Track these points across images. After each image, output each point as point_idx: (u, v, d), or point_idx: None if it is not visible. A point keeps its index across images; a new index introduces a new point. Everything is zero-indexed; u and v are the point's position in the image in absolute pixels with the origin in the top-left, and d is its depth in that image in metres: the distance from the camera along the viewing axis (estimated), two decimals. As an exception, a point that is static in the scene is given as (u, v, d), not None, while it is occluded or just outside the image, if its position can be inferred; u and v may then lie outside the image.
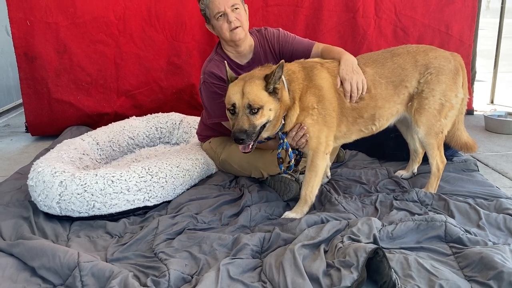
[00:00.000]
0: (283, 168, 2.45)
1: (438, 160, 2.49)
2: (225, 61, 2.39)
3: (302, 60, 2.46)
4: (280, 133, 2.31)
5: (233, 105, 2.14)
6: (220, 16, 2.56)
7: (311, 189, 2.35)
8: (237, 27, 2.56)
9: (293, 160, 2.38)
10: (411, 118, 2.45)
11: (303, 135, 2.30)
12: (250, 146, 2.17)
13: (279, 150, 2.39)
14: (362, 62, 2.43)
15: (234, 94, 2.14)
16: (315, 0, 4.12)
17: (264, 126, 2.17)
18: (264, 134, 2.24)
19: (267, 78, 2.13)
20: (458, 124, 2.58)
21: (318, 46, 2.67)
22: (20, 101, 5.21)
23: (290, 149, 2.34)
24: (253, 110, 2.11)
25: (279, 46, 2.74)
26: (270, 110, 2.14)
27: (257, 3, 4.07)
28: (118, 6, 3.99)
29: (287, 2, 4.13)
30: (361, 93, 2.32)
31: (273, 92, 2.15)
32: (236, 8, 2.56)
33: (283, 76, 2.21)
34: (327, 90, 2.31)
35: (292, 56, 2.64)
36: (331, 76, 2.36)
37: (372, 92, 2.36)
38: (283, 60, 2.14)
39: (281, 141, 2.34)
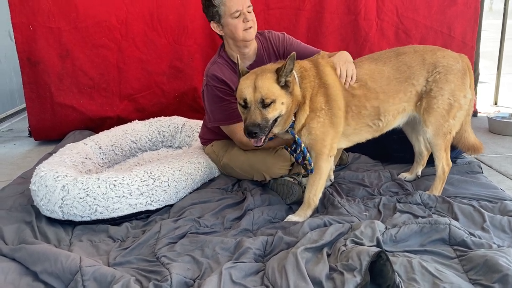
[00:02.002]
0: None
1: (444, 162, 2.47)
2: (237, 55, 2.34)
3: (312, 58, 2.46)
4: (295, 135, 2.29)
5: (245, 100, 2.12)
6: (239, 15, 2.56)
7: (314, 193, 2.34)
8: (251, 27, 2.59)
9: (311, 165, 2.34)
10: (420, 118, 2.44)
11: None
12: (262, 140, 2.16)
13: (292, 155, 2.38)
14: (362, 59, 2.46)
15: (246, 88, 2.12)
16: (316, 2, 4.12)
17: (275, 120, 2.16)
18: (275, 130, 2.23)
19: (278, 71, 2.13)
20: (465, 125, 2.57)
21: (324, 53, 2.69)
22: (23, 105, 5.22)
23: (308, 154, 2.31)
24: (266, 104, 2.09)
25: (284, 49, 2.74)
26: (282, 103, 2.13)
27: (259, 6, 4.07)
28: (120, 10, 4.00)
29: (289, 5, 4.14)
30: (350, 81, 2.33)
31: (285, 86, 2.14)
32: (249, 12, 2.60)
33: (295, 72, 2.20)
34: (333, 86, 2.31)
35: None
36: (333, 69, 2.37)
37: (369, 84, 2.36)
38: (294, 53, 2.11)
39: (293, 146, 2.32)
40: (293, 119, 2.26)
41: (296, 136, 2.29)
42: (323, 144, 2.30)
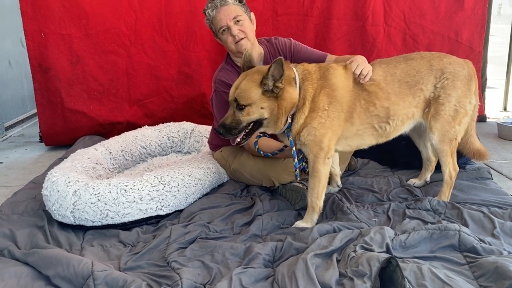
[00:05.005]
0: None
1: (450, 167, 2.47)
2: (245, 50, 2.37)
3: (324, 63, 2.47)
4: (290, 138, 2.29)
5: (228, 98, 2.19)
6: (224, 30, 2.62)
7: (316, 196, 2.33)
8: (241, 39, 2.61)
9: (297, 169, 2.36)
10: (426, 124, 2.44)
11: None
12: (239, 139, 2.21)
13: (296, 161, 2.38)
14: (374, 62, 2.46)
15: (233, 87, 2.18)
16: (324, 9, 4.14)
17: (260, 123, 2.18)
18: (268, 131, 2.25)
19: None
20: (470, 131, 2.57)
21: (331, 57, 2.71)
22: (34, 111, 5.28)
23: (296, 159, 2.32)
24: (240, 106, 2.12)
25: (291, 54, 2.77)
26: (262, 108, 2.14)
27: (267, 12, 4.10)
28: (129, 17, 4.05)
29: (297, 12, 4.16)
30: (364, 79, 2.32)
31: (270, 91, 2.12)
32: (238, 20, 2.61)
33: (296, 74, 2.20)
34: (341, 88, 2.30)
35: None
36: (346, 72, 2.35)
37: (382, 85, 2.35)
38: (280, 57, 2.08)
39: (293, 148, 2.32)
40: (290, 121, 2.25)
41: (290, 139, 2.29)
42: (320, 146, 2.28)
